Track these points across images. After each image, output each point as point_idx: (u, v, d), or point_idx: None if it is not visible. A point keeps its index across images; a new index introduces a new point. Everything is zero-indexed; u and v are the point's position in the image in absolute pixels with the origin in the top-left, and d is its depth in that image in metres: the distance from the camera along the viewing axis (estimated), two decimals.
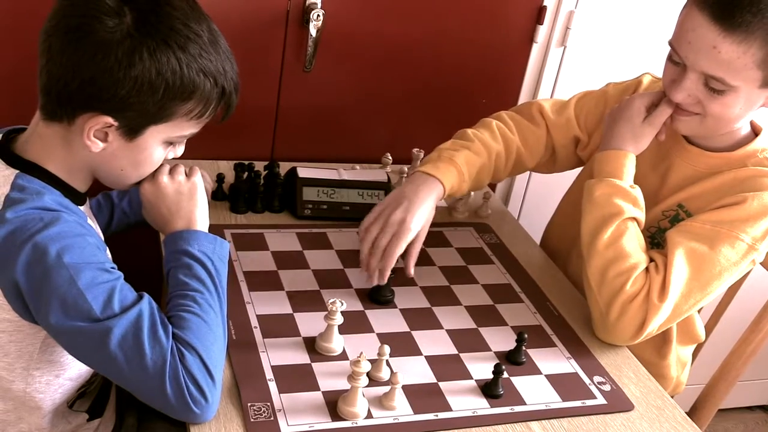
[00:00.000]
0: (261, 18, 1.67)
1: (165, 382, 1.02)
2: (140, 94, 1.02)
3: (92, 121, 1.04)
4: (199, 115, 1.09)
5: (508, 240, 1.67)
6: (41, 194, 1.06)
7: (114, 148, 1.08)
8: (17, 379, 1.12)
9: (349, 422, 1.15)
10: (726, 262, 1.34)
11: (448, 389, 1.24)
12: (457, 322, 1.39)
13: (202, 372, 1.05)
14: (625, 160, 1.41)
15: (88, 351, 1.04)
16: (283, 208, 1.64)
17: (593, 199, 1.40)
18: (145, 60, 1.01)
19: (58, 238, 1.02)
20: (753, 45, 1.23)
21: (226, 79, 1.09)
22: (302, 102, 1.80)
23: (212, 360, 1.07)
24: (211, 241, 1.17)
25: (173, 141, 1.13)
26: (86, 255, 1.04)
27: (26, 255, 1.00)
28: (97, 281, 1.03)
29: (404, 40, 1.80)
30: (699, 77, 1.30)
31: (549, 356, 1.35)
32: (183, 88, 1.05)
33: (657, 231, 1.48)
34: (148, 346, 1.02)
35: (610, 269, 1.36)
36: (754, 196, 1.35)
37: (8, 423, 1.16)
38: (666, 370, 1.56)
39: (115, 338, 1.01)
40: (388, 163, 1.82)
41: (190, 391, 1.04)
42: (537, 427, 1.21)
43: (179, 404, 1.04)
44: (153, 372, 1.02)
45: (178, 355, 1.04)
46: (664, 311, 1.33)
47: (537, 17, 1.86)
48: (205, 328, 1.09)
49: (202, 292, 1.12)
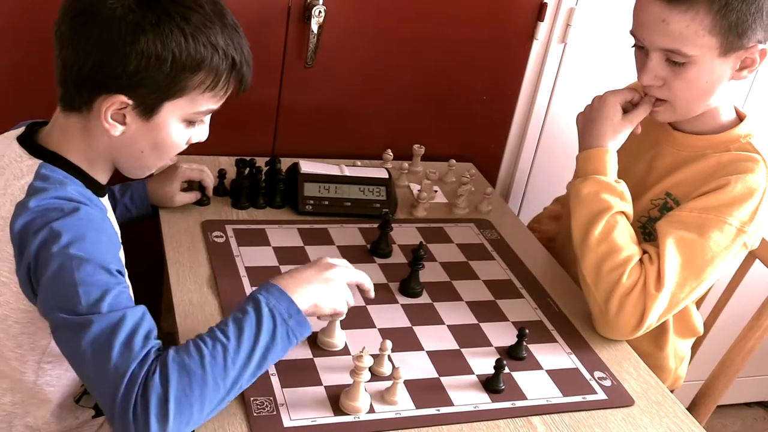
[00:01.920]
0: (263, 14, 1.67)
1: (119, 390, 0.94)
2: (148, 68, 1.03)
3: (107, 102, 1.05)
4: (211, 87, 1.09)
5: (508, 236, 1.68)
6: (64, 184, 1.06)
7: (133, 130, 1.09)
8: (29, 371, 1.12)
9: (351, 417, 1.16)
10: (717, 247, 1.35)
11: (449, 384, 1.25)
12: (459, 317, 1.39)
13: (158, 399, 0.94)
14: (607, 157, 1.43)
15: (64, 341, 1.01)
16: (285, 203, 1.64)
17: (581, 197, 1.42)
18: (149, 33, 1.02)
19: (73, 228, 1.02)
20: (699, 11, 1.28)
21: (234, 50, 1.09)
22: (304, 98, 1.81)
23: (179, 402, 0.95)
24: (294, 312, 1.06)
25: (192, 119, 1.13)
26: (95, 251, 1.02)
27: (40, 239, 1.01)
28: (94, 278, 1.00)
29: (405, 36, 1.80)
30: (660, 55, 1.35)
31: (550, 351, 1.36)
32: (190, 59, 1.05)
33: (648, 220, 1.50)
34: (117, 350, 0.96)
35: (604, 264, 1.37)
36: (737, 179, 1.37)
37: (16, 415, 1.17)
38: (664, 362, 1.57)
39: (91, 335, 0.97)
40: (389, 159, 1.82)
41: (136, 409, 0.94)
42: (538, 422, 1.21)
43: (121, 416, 0.94)
44: (111, 376, 0.95)
45: (147, 372, 0.96)
46: (662, 300, 1.34)
47: (537, 14, 1.86)
48: (198, 372, 0.97)
49: (228, 343, 1.00)
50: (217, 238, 1.50)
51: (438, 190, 1.80)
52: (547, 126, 2.00)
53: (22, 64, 1.61)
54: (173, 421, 0.94)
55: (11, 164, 1.09)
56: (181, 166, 1.53)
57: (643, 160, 1.53)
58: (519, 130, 2.01)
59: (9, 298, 1.07)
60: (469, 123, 1.96)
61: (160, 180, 1.53)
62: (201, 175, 1.56)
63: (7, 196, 1.06)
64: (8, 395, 1.15)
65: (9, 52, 1.60)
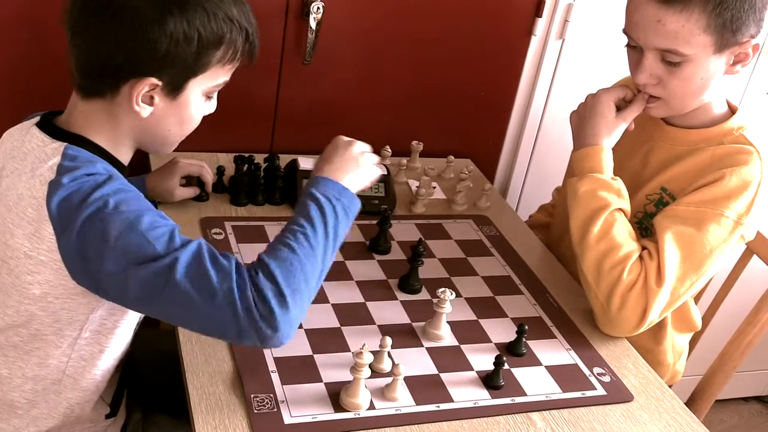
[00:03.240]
0: (261, 10, 1.65)
1: (234, 301, 1.02)
2: (178, 47, 1.06)
3: (138, 86, 1.07)
4: (230, 59, 1.13)
5: (507, 232, 1.68)
6: (93, 162, 1.09)
7: (160, 110, 1.12)
8: (64, 345, 1.13)
9: (351, 413, 1.16)
10: (715, 240, 1.36)
11: (449, 380, 1.25)
12: (458, 313, 1.39)
13: (273, 291, 1.03)
14: (602, 155, 1.43)
15: (157, 291, 1.03)
16: (284, 200, 1.64)
17: (578, 196, 1.42)
18: (175, 14, 1.05)
19: (114, 193, 1.05)
20: (694, 11, 1.29)
21: (248, 22, 1.14)
22: (302, 94, 1.80)
23: (290, 285, 1.05)
24: (341, 191, 1.17)
25: (210, 93, 1.17)
26: (143, 205, 1.07)
27: (86, 211, 1.03)
28: (157, 224, 1.05)
29: (403, 32, 1.80)
30: (655, 55, 1.35)
31: (549, 347, 1.36)
32: (213, 35, 1.09)
33: (644, 216, 1.50)
34: (212, 268, 1.03)
35: (605, 261, 1.37)
36: (732, 172, 1.37)
37: (35, 404, 1.17)
38: (662, 356, 1.57)
39: (182, 267, 1.02)
40: (387, 155, 1.82)
41: (258, 308, 1.02)
42: (537, 418, 1.22)
43: (248, 322, 1.02)
44: (221, 294, 1.02)
45: (252, 273, 1.04)
46: (663, 295, 1.35)
47: (536, 10, 1.86)
48: (292, 257, 1.07)
49: (305, 228, 1.11)
50: (216, 235, 1.50)
51: (436, 186, 1.81)
52: (545, 122, 2.00)
53: (21, 57, 1.60)
54: (293, 305, 1.04)
55: (34, 150, 1.10)
56: (181, 162, 1.54)
57: (637, 156, 1.54)
58: (517, 126, 2.01)
59: (48, 276, 1.07)
60: (467, 119, 1.96)
61: (159, 175, 1.53)
62: (200, 170, 1.57)
63: (36, 178, 1.07)
64: (30, 383, 1.15)
65: (8, 45, 1.59)
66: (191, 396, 1.15)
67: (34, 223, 1.05)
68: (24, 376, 1.15)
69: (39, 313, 1.10)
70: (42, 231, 1.05)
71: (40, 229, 1.05)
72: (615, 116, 1.44)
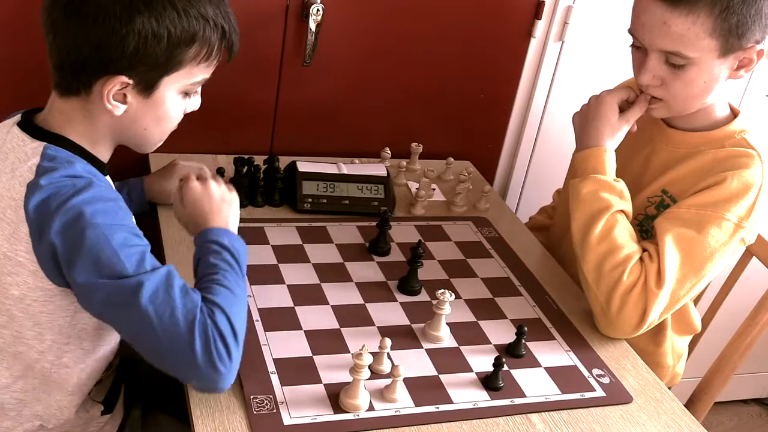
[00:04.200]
0: (260, 12, 1.67)
1: (194, 336, 1.03)
2: (147, 46, 1.05)
3: (108, 84, 1.07)
4: (205, 57, 1.12)
5: (506, 234, 1.68)
6: (72, 163, 1.08)
7: (134, 108, 1.11)
8: (46, 350, 1.13)
9: (351, 414, 1.16)
10: (715, 243, 1.36)
11: (448, 382, 1.25)
12: (457, 315, 1.39)
13: (228, 330, 1.06)
14: (605, 156, 1.44)
15: (119, 308, 1.04)
16: (283, 202, 1.64)
17: (580, 197, 1.42)
18: (143, 12, 1.04)
19: (91, 201, 1.04)
20: (700, 14, 1.28)
21: (224, 19, 1.12)
22: (302, 96, 1.81)
23: (238, 323, 1.07)
24: (241, 242, 1.19)
25: (188, 90, 1.16)
26: (119, 218, 1.07)
27: (62, 218, 1.03)
28: (130, 243, 1.05)
29: (403, 34, 1.80)
30: (659, 56, 1.35)
31: (548, 349, 1.36)
32: (185, 33, 1.07)
33: (645, 218, 1.50)
34: (180, 299, 1.04)
35: (605, 263, 1.37)
36: (734, 175, 1.37)
37: (26, 403, 1.17)
38: (662, 359, 1.57)
39: (147, 292, 1.02)
40: (387, 157, 1.82)
41: (217, 347, 1.04)
42: (537, 419, 1.22)
43: (205, 361, 1.03)
44: (184, 325, 1.03)
45: (208, 312, 1.05)
46: (663, 297, 1.35)
47: (535, 12, 1.87)
48: (232, 296, 1.10)
49: (229, 271, 1.13)
50: None
51: (436, 188, 1.81)
52: (545, 124, 2.00)
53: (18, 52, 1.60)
54: (240, 337, 1.07)
55: (14, 149, 1.10)
56: (179, 164, 1.53)
57: (638, 158, 1.54)
58: (516, 128, 2.01)
59: (26, 278, 1.07)
60: (467, 121, 1.96)
61: (158, 176, 1.53)
62: (199, 172, 1.56)
63: (15, 179, 1.07)
64: (20, 382, 1.16)
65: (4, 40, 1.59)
66: (191, 396, 1.15)
67: (12, 224, 1.06)
68: (13, 376, 1.15)
69: (19, 314, 1.10)
70: (19, 232, 1.05)
71: (18, 230, 1.05)
72: (618, 118, 1.44)
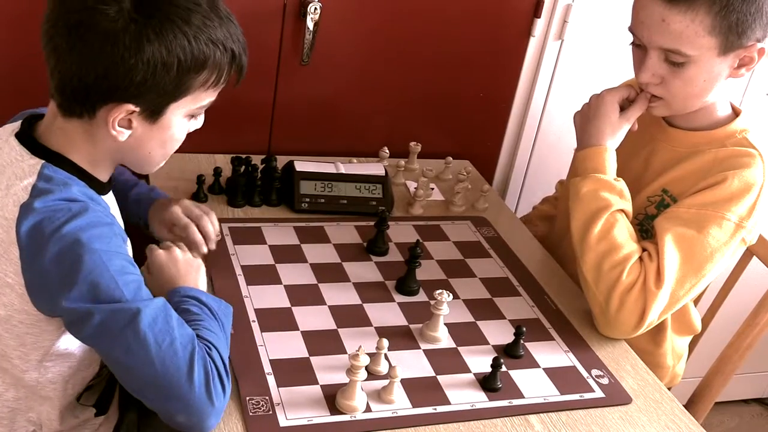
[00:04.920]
0: (258, 10, 1.67)
1: (194, 368, 1.02)
2: (155, 75, 1.02)
3: (114, 111, 1.04)
4: (214, 83, 1.10)
5: (505, 233, 1.67)
6: (68, 185, 1.06)
7: (139, 133, 1.09)
8: (31, 369, 1.12)
9: (347, 416, 1.15)
10: (716, 243, 1.35)
11: (446, 383, 1.25)
12: (456, 315, 1.39)
13: (222, 367, 1.06)
14: (606, 155, 1.43)
15: (115, 335, 1.01)
16: (281, 201, 1.63)
17: (580, 196, 1.42)
18: (153, 41, 1.01)
19: (87, 227, 1.02)
20: (699, 12, 1.28)
21: (233, 42, 1.09)
22: (299, 95, 1.80)
23: (227, 362, 1.08)
24: (215, 299, 1.17)
25: (194, 113, 1.14)
26: (114, 245, 1.05)
27: (57, 244, 1.01)
28: (127, 270, 1.04)
29: (401, 33, 1.80)
30: (659, 54, 1.34)
31: (547, 350, 1.36)
32: (195, 60, 1.05)
33: (645, 218, 1.50)
34: (178, 329, 1.03)
35: (604, 262, 1.36)
36: (734, 175, 1.37)
37: (19, 411, 1.16)
38: (662, 359, 1.56)
39: (147, 318, 1.01)
40: (385, 156, 1.82)
41: (214, 381, 1.03)
42: (535, 421, 1.21)
43: (203, 393, 1.02)
44: (183, 356, 1.02)
45: (205, 347, 1.06)
46: (662, 298, 1.34)
47: (534, 11, 1.86)
48: (218, 339, 1.10)
49: (211, 319, 1.12)
50: None
51: (434, 187, 1.80)
52: (544, 123, 1.99)
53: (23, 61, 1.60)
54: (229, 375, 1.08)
55: (12, 163, 1.08)
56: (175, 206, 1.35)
57: (639, 158, 1.53)
58: (516, 127, 2.00)
59: (13, 299, 1.06)
60: (466, 120, 1.96)
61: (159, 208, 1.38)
62: (199, 219, 1.35)
63: (9, 197, 1.05)
64: (12, 390, 1.15)
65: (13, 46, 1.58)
66: None
67: (3, 244, 1.04)
68: (5, 384, 1.14)
69: (4, 334, 1.09)
70: (9, 253, 1.03)
71: (8, 251, 1.03)
72: (619, 117, 1.43)
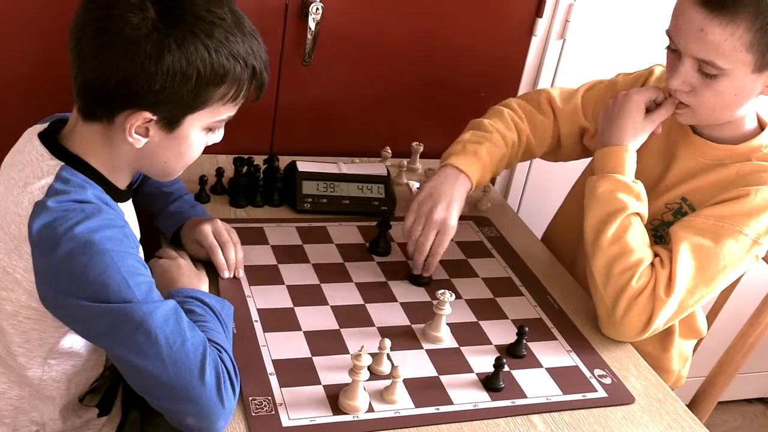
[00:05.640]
0: (260, 11, 1.66)
1: (206, 370, 1.03)
2: (174, 85, 1.03)
3: (132, 118, 1.05)
4: (233, 97, 1.10)
5: (507, 233, 1.67)
6: (84, 188, 1.07)
7: (156, 141, 1.10)
8: (35, 366, 1.12)
9: (350, 416, 1.15)
10: (730, 257, 1.34)
11: (449, 383, 1.24)
12: (458, 315, 1.38)
13: (232, 369, 1.08)
14: (626, 156, 1.41)
15: (125, 334, 1.02)
16: (283, 202, 1.63)
17: (596, 195, 1.40)
18: (174, 51, 1.02)
19: (99, 228, 1.03)
20: (739, 27, 1.25)
21: (255, 58, 1.10)
22: (301, 95, 1.80)
23: (235, 364, 1.10)
24: (219, 300, 1.21)
25: (212, 127, 1.14)
26: (125, 245, 1.06)
27: (68, 245, 1.01)
28: (139, 271, 1.05)
29: (404, 33, 1.80)
30: (693, 63, 1.31)
31: (550, 349, 1.35)
32: (214, 73, 1.05)
33: (660, 224, 1.48)
34: (189, 331, 1.05)
35: (615, 265, 1.35)
36: (757, 191, 1.35)
37: (22, 410, 1.17)
38: (668, 363, 1.56)
39: (159, 319, 1.02)
40: (387, 156, 1.82)
41: (225, 383, 1.05)
42: (538, 420, 1.21)
43: (214, 394, 1.04)
44: (194, 357, 1.03)
45: (216, 350, 1.07)
46: (671, 306, 1.33)
47: (536, 10, 1.86)
48: (222, 339, 1.12)
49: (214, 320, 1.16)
50: None
51: None
52: None
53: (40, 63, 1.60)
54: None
55: (32, 162, 1.09)
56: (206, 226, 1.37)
57: (660, 162, 1.50)
58: None
59: (21, 295, 1.07)
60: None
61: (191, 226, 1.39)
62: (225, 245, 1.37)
63: (25, 194, 1.06)
64: (15, 389, 1.15)
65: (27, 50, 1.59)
66: None
67: (15, 239, 1.05)
68: (10, 382, 1.15)
69: (9, 330, 1.10)
70: (20, 250, 1.04)
71: (19, 247, 1.04)
72: (643, 118, 1.41)
